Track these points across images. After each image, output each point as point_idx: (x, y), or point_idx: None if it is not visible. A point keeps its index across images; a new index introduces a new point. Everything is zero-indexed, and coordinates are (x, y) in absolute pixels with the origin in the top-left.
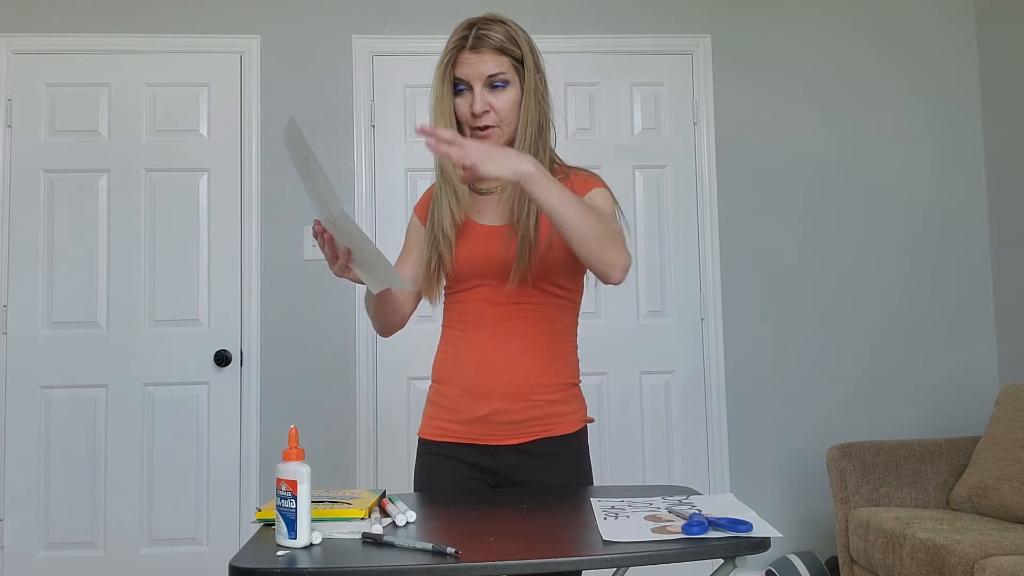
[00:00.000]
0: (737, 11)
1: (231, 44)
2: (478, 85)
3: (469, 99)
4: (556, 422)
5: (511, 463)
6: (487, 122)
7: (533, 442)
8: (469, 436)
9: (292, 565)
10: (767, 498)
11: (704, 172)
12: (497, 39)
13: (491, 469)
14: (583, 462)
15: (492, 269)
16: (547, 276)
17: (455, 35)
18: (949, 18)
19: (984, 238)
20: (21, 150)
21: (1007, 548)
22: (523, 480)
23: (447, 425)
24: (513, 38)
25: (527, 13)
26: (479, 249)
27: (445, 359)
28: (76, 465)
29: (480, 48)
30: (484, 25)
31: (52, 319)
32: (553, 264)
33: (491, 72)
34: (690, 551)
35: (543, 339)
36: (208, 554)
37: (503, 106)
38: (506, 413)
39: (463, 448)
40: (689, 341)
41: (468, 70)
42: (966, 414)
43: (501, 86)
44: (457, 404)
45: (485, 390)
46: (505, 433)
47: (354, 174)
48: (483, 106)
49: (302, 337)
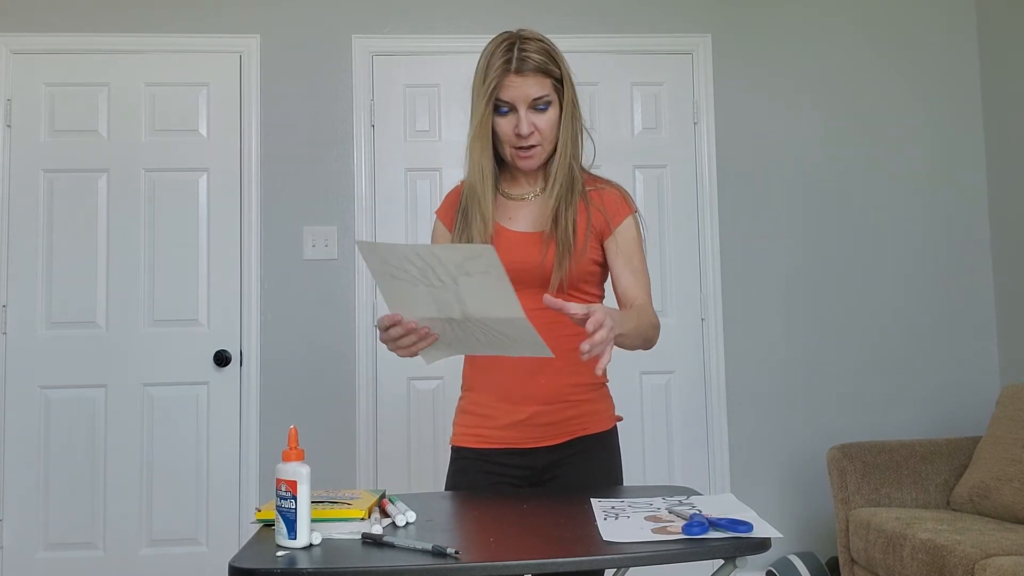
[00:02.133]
0: (737, 11)
1: (230, 44)
2: (522, 107)
3: (512, 120)
4: (591, 420)
5: (548, 462)
6: (532, 142)
7: (569, 441)
8: (508, 441)
9: (292, 565)
10: (767, 498)
11: (704, 172)
12: (540, 60)
13: (528, 469)
14: (615, 459)
15: (526, 275)
16: (579, 283)
17: (497, 56)
18: (950, 18)
19: (985, 238)
20: (20, 150)
21: (1008, 548)
22: (558, 477)
23: (484, 432)
24: (552, 57)
25: (527, 13)
26: (513, 255)
27: (477, 367)
28: (76, 465)
29: (524, 71)
30: (524, 44)
31: (51, 319)
32: (584, 271)
33: (536, 95)
34: (690, 551)
35: (576, 340)
36: (208, 554)
37: (546, 126)
38: (544, 415)
39: (501, 453)
40: (689, 341)
41: (513, 93)
42: (967, 414)
43: (544, 108)
44: (493, 411)
45: (522, 395)
46: (543, 435)
47: (354, 174)
48: (529, 128)
49: (302, 337)
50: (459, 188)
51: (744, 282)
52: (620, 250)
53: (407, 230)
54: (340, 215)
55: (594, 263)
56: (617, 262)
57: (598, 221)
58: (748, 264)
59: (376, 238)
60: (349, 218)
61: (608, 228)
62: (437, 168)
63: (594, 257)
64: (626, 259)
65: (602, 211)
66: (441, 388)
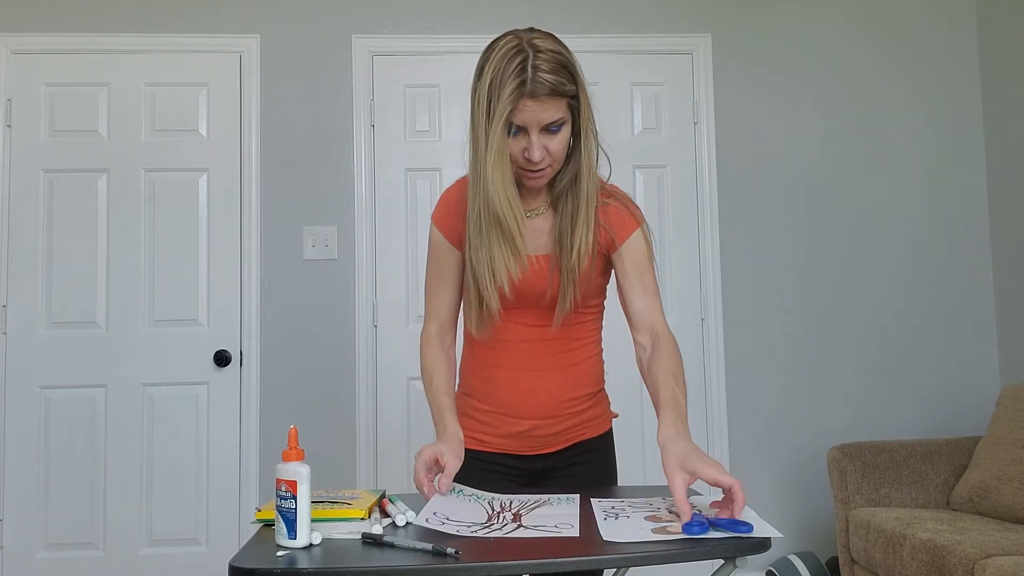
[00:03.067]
0: (737, 11)
1: (230, 44)
2: (534, 132)
3: (522, 142)
4: (589, 426)
5: (546, 466)
6: (542, 166)
7: (568, 447)
8: (506, 447)
9: (292, 565)
10: (767, 498)
11: (704, 172)
12: (555, 81)
13: (526, 471)
14: (611, 459)
15: (535, 297)
16: (584, 301)
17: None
18: (950, 18)
19: (985, 238)
20: (21, 150)
21: (1008, 548)
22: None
23: (484, 437)
24: (568, 71)
25: (528, 13)
26: (525, 280)
27: (476, 375)
28: (76, 465)
29: (539, 96)
30: (537, 59)
31: (51, 319)
32: (590, 290)
33: (549, 120)
34: (690, 551)
35: (574, 355)
36: (208, 554)
37: (557, 148)
38: (543, 427)
39: (499, 456)
40: (689, 341)
41: (526, 117)
42: (966, 414)
43: (556, 130)
44: (493, 419)
45: (522, 411)
46: (542, 444)
47: (354, 174)
48: (541, 153)
49: (302, 337)
50: (454, 191)
51: (744, 282)
52: (629, 267)
53: (407, 230)
54: (340, 215)
55: (598, 276)
56: (627, 280)
57: (603, 239)
58: (748, 264)
59: (376, 238)
60: (349, 218)
61: (614, 244)
62: (437, 168)
63: (598, 274)
64: (636, 276)
65: (607, 229)
66: None
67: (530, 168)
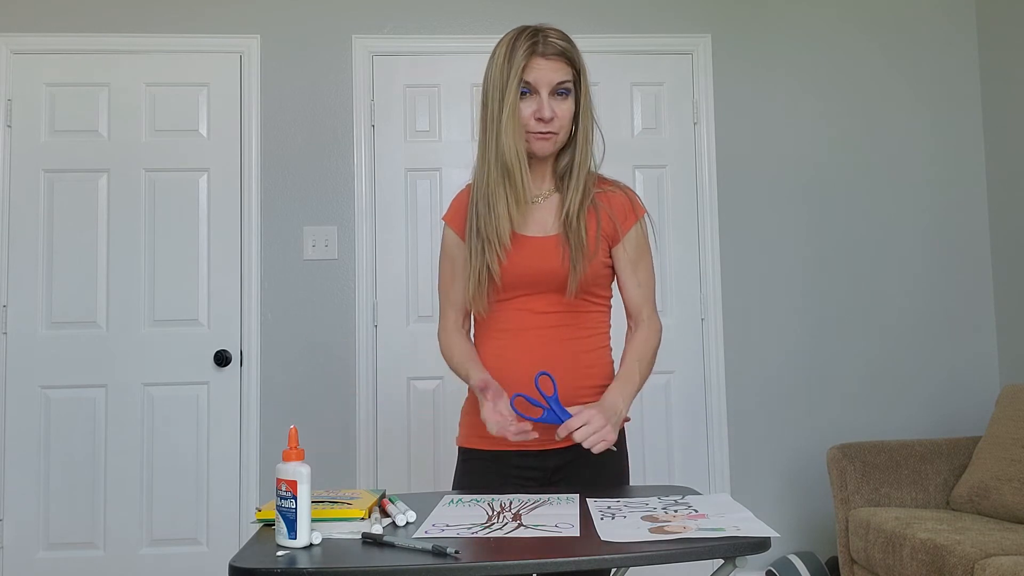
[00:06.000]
0: (737, 11)
1: (231, 44)
2: (545, 91)
3: (533, 104)
4: None
5: (558, 464)
6: (552, 128)
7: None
8: (517, 443)
9: (292, 565)
10: (767, 498)
11: (704, 172)
12: (564, 46)
13: (539, 470)
14: (623, 459)
15: (541, 281)
16: (590, 287)
17: (522, 41)
18: (950, 18)
19: (985, 238)
20: (21, 150)
21: (1007, 548)
22: (568, 478)
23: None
24: (573, 47)
25: (528, 13)
26: (531, 262)
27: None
28: (76, 465)
29: (549, 55)
30: (546, 31)
31: (52, 319)
32: (596, 273)
33: (560, 80)
34: (690, 551)
35: (582, 343)
36: (208, 554)
37: (564, 114)
38: None
39: (511, 454)
40: (689, 341)
41: (538, 75)
42: (966, 414)
43: (564, 93)
44: None
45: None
46: (552, 437)
47: (354, 174)
48: (551, 112)
49: (302, 337)
50: (465, 192)
51: (744, 282)
52: (627, 261)
53: (407, 230)
54: (340, 215)
55: (604, 266)
56: (625, 271)
57: (607, 226)
58: (748, 264)
59: (376, 238)
60: (349, 218)
61: (617, 235)
62: (437, 168)
63: (604, 260)
64: (633, 267)
65: (611, 216)
66: (441, 388)
67: (539, 130)
